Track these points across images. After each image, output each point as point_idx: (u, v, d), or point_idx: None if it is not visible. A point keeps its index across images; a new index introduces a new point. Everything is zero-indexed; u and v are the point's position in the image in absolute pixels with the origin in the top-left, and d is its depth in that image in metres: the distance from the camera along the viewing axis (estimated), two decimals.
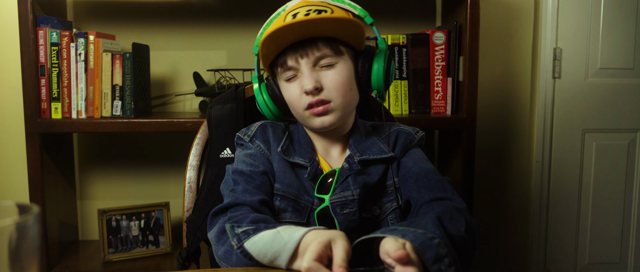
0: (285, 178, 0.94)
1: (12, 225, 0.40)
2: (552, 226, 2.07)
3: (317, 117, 0.93)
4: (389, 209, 0.96)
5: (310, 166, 0.94)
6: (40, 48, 1.59)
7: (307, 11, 0.91)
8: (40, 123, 1.60)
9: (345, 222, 0.91)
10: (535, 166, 2.04)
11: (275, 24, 0.92)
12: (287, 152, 0.96)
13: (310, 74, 0.92)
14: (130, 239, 1.78)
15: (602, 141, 2.05)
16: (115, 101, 1.64)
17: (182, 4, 1.90)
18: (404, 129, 1.03)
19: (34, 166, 1.61)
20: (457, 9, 1.73)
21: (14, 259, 0.41)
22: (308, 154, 0.96)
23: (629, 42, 2.00)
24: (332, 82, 0.92)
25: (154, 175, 1.97)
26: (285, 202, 0.93)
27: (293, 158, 0.95)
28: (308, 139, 0.99)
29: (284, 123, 1.04)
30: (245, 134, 1.00)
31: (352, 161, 0.95)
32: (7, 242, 0.40)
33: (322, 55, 0.92)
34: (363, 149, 0.97)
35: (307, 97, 0.92)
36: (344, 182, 0.93)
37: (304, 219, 0.93)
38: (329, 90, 0.92)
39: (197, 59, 1.92)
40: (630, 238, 2.10)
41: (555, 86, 2.00)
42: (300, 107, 0.94)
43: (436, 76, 1.73)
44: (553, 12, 1.96)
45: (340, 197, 0.92)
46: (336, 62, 0.93)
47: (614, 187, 2.07)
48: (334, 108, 0.93)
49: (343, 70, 0.94)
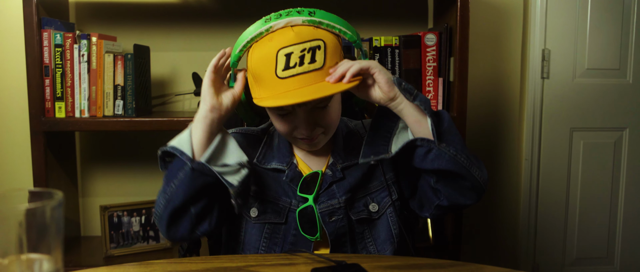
0: (262, 183, 0.99)
1: (41, 206, 0.46)
2: (541, 222, 2.13)
3: (307, 144, 0.97)
4: (387, 204, 1.01)
5: (288, 169, 0.99)
6: (44, 49, 1.65)
7: (301, 53, 0.87)
8: (44, 122, 1.65)
9: (334, 230, 0.96)
10: (524, 164, 2.10)
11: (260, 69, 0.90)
12: (263, 161, 1.00)
13: (306, 119, 0.93)
14: (132, 234, 1.83)
15: (589, 139, 2.11)
16: (117, 101, 1.70)
17: (182, 6, 1.95)
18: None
19: (38, 163, 1.66)
20: (448, 12, 1.79)
21: (43, 237, 0.46)
22: (286, 157, 1.00)
23: (615, 43, 2.06)
24: (325, 120, 0.95)
25: (154, 172, 2.02)
26: (264, 205, 0.98)
27: (270, 164, 1.00)
28: (287, 143, 1.02)
29: (260, 129, 1.07)
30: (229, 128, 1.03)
31: (335, 169, 0.99)
32: (38, 221, 0.45)
33: (317, 102, 0.93)
34: (345, 155, 1.01)
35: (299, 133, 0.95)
36: (328, 189, 0.97)
37: (283, 219, 0.98)
38: (322, 126, 0.96)
39: (196, 60, 1.97)
40: (617, 233, 2.17)
41: (544, 86, 2.06)
42: (289, 135, 0.97)
43: (428, 76, 1.79)
44: (542, 15, 2.02)
45: (328, 206, 0.96)
46: (329, 102, 0.95)
47: (601, 184, 2.13)
48: (325, 135, 0.97)
49: (334, 105, 0.96)
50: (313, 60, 0.87)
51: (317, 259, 0.81)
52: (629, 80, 2.09)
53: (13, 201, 0.48)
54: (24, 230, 0.46)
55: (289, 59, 0.87)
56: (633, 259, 2.17)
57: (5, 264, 0.46)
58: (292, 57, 0.87)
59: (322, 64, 0.88)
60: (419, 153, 0.90)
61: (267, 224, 0.98)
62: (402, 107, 0.91)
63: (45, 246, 0.47)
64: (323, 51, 0.88)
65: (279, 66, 0.87)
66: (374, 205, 1.00)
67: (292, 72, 0.87)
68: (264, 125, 1.09)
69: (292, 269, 0.76)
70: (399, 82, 0.90)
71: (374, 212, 1.01)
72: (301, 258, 0.84)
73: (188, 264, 0.80)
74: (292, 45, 0.88)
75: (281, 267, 0.77)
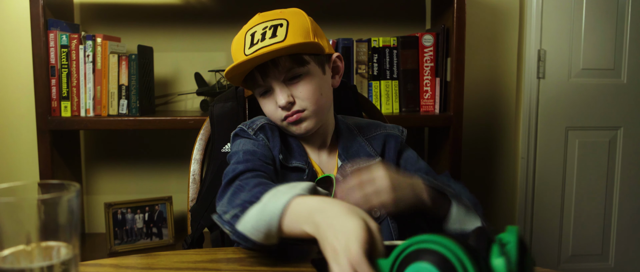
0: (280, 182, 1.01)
1: (61, 197, 0.50)
2: (537, 219, 2.17)
3: (294, 125, 0.99)
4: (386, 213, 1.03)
5: (308, 169, 1.01)
6: (50, 50, 1.69)
7: (263, 30, 0.95)
8: (50, 121, 1.69)
9: None
10: (520, 162, 2.14)
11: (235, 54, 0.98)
12: (285, 158, 1.01)
13: (281, 90, 0.96)
14: (135, 231, 1.87)
15: (584, 138, 2.15)
16: (122, 100, 1.74)
17: (184, 7, 1.99)
18: (391, 132, 1.09)
19: (44, 161, 1.70)
20: (445, 13, 1.83)
21: (62, 226, 0.50)
22: (303, 157, 1.02)
23: (609, 44, 2.10)
24: (302, 93, 0.97)
25: (157, 170, 2.06)
26: None
27: (291, 162, 1.01)
28: (299, 144, 1.05)
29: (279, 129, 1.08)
30: (249, 127, 1.02)
31: (346, 173, 0.99)
32: (58, 210, 0.49)
33: (287, 69, 0.96)
34: (352, 156, 1.03)
35: (282, 111, 0.98)
36: None
37: None
38: (301, 101, 0.98)
39: (198, 60, 2.01)
40: (612, 230, 2.20)
41: (539, 86, 2.10)
42: (278, 119, 1.00)
43: (425, 76, 1.83)
44: (537, 16, 2.05)
45: None
46: (303, 72, 0.98)
47: (596, 182, 2.17)
48: (308, 115, 0.99)
49: (311, 79, 0.98)
50: (274, 35, 0.94)
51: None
52: (624, 80, 2.13)
53: (35, 192, 0.52)
54: (44, 219, 0.50)
55: (253, 37, 0.95)
56: (628, 255, 2.21)
57: (28, 250, 0.50)
58: (255, 36, 0.95)
59: (283, 38, 0.94)
60: None
61: None
62: None
63: (64, 234, 0.51)
64: (285, 28, 0.95)
65: (245, 46, 0.96)
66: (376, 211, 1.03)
67: (254, 48, 0.94)
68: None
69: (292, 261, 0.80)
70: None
71: (376, 218, 1.01)
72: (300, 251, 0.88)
73: (193, 255, 0.83)
74: (255, 25, 0.97)
75: (282, 259, 0.81)
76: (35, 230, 0.50)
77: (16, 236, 0.49)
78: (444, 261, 0.54)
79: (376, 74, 1.82)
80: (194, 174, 1.23)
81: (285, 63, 0.95)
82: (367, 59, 1.81)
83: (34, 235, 0.50)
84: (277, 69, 0.96)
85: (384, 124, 1.12)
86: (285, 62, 0.95)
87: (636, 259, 2.22)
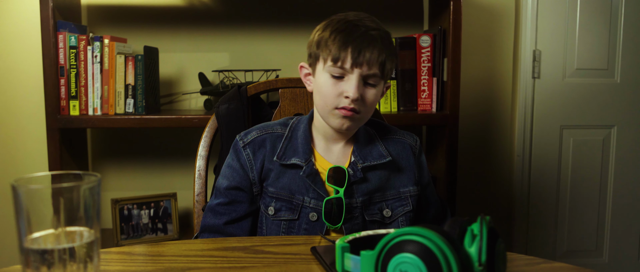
0: (279, 182, 1.06)
1: (85, 185, 0.55)
2: (533, 216, 2.22)
3: (342, 118, 1.02)
4: (400, 213, 1.09)
5: (306, 166, 1.05)
6: (60, 51, 1.74)
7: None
8: (59, 119, 1.75)
9: (349, 226, 1.05)
10: (516, 160, 2.19)
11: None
12: (284, 157, 1.06)
13: (358, 84, 1.01)
14: (141, 226, 1.93)
15: (578, 136, 2.20)
16: (128, 99, 1.79)
17: (188, 9, 2.05)
18: (407, 140, 1.14)
19: (54, 158, 1.76)
20: (442, 15, 1.88)
21: (85, 212, 0.56)
22: (305, 154, 1.06)
23: (603, 44, 2.15)
24: (369, 99, 1.02)
25: (162, 167, 2.12)
26: (279, 203, 1.06)
27: (289, 160, 1.06)
28: (307, 138, 1.09)
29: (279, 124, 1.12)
30: (242, 139, 1.09)
31: (356, 169, 1.06)
32: (81, 198, 0.55)
33: (373, 73, 1.01)
34: (365, 155, 1.08)
35: (344, 100, 1.01)
36: (348, 188, 1.04)
37: (296, 215, 1.06)
38: (364, 105, 1.03)
39: (202, 61, 2.06)
40: (606, 227, 2.25)
41: (534, 86, 2.15)
42: (332, 103, 1.02)
43: (422, 76, 1.88)
44: (532, 17, 2.10)
45: (346, 203, 1.04)
46: (377, 83, 1.03)
47: (590, 179, 2.22)
48: (358, 119, 1.04)
49: (378, 93, 1.04)
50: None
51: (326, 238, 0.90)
52: (617, 80, 2.18)
53: (61, 181, 0.58)
54: (69, 206, 0.56)
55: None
56: (621, 251, 2.26)
57: (56, 234, 0.55)
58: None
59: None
60: None
61: (283, 220, 1.06)
62: None
63: (86, 219, 0.57)
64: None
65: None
66: (387, 211, 1.08)
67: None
68: (281, 120, 1.14)
69: (293, 248, 0.85)
70: None
71: (387, 217, 1.08)
72: (301, 239, 0.93)
73: (200, 245, 0.89)
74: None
75: (283, 247, 0.86)
76: (61, 215, 0.55)
77: (45, 220, 0.55)
78: (426, 250, 0.59)
79: None
80: (199, 169, 1.28)
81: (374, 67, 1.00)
82: None
83: (60, 220, 0.56)
84: (369, 63, 1.00)
85: (401, 130, 1.17)
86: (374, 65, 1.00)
87: (630, 255, 2.27)
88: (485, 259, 0.60)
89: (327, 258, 0.77)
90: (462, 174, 2.17)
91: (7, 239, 2.09)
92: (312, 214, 1.05)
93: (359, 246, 0.69)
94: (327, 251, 0.81)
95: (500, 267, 0.63)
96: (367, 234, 0.80)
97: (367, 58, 0.99)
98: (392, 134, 1.14)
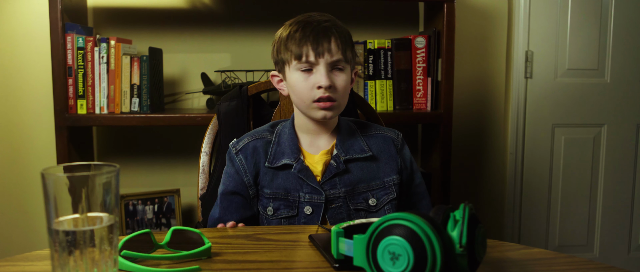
0: (273, 183, 1.12)
1: (105, 175, 0.62)
2: (525, 213, 2.28)
3: (322, 110, 1.09)
4: (385, 201, 1.14)
5: (296, 163, 1.11)
6: (68, 52, 1.81)
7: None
8: (67, 118, 1.81)
9: (333, 216, 1.11)
10: (509, 158, 2.25)
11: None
12: (274, 161, 1.12)
13: (327, 73, 1.08)
14: (146, 221, 1.99)
15: (570, 135, 2.26)
16: (134, 98, 1.86)
17: (191, 11, 2.11)
18: (387, 134, 1.19)
19: (62, 155, 1.82)
20: (437, 17, 1.94)
21: (104, 198, 0.62)
22: (294, 153, 1.13)
23: (593, 45, 2.21)
24: (341, 85, 1.09)
25: (166, 164, 2.18)
26: (277, 203, 1.12)
27: (279, 162, 1.12)
28: (293, 136, 1.15)
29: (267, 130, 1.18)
30: (234, 146, 1.15)
31: (338, 161, 1.12)
32: (103, 186, 0.62)
33: (337, 59, 1.08)
34: (347, 148, 1.14)
35: (318, 92, 1.08)
36: (331, 180, 1.11)
37: (295, 211, 1.12)
38: (337, 91, 1.09)
39: (204, 61, 2.13)
40: (596, 223, 2.32)
41: (527, 85, 2.21)
42: (309, 98, 1.09)
43: (417, 76, 1.95)
44: (525, 18, 2.17)
45: (329, 195, 1.10)
46: (345, 67, 1.11)
47: (581, 176, 2.29)
48: (336, 106, 1.10)
49: (348, 77, 1.12)
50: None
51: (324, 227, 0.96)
52: (607, 79, 2.24)
53: (84, 171, 0.64)
54: (92, 193, 0.62)
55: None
56: (611, 246, 2.33)
57: (80, 218, 0.62)
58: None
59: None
60: None
61: (283, 218, 1.12)
62: None
63: (107, 205, 0.63)
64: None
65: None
66: (373, 200, 1.13)
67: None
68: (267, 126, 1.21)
69: (293, 236, 0.92)
70: None
71: (372, 206, 1.13)
72: (300, 228, 1.00)
73: (205, 233, 0.95)
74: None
75: (284, 235, 0.93)
76: (84, 201, 0.62)
77: (70, 206, 0.62)
78: (412, 233, 0.65)
79: (371, 74, 1.94)
80: (203, 165, 1.35)
81: (337, 52, 1.08)
82: (363, 60, 1.93)
83: (84, 207, 0.62)
84: (331, 51, 1.08)
85: (382, 126, 1.23)
86: (337, 50, 1.08)
87: (619, 249, 2.33)
88: (465, 242, 0.66)
89: (324, 244, 0.84)
90: (456, 171, 2.24)
91: (16, 228, 2.15)
92: (307, 207, 1.10)
93: (353, 232, 0.75)
94: (323, 238, 0.87)
95: (480, 250, 0.69)
96: (360, 221, 0.86)
97: (326, 47, 1.07)
98: (374, 130, 1.20)
